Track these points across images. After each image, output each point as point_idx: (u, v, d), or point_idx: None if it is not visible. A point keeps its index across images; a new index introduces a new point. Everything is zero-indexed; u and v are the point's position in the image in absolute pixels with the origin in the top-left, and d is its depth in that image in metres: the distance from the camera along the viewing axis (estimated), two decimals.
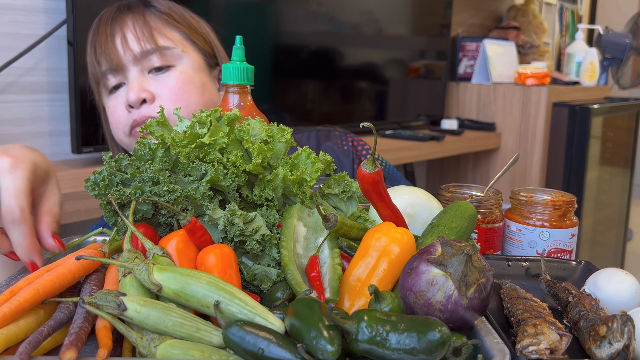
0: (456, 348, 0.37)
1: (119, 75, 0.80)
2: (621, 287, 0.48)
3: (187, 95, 0.79)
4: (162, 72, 0.80)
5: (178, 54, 0.80)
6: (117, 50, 0.79)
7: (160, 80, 0.79)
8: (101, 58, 0.80)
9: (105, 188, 0.47)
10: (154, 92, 0.78)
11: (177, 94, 0.79)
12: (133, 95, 0.77)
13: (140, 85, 0.78)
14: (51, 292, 0.41)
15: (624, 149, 2.21)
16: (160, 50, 0.79)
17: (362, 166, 0.47)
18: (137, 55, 0.78)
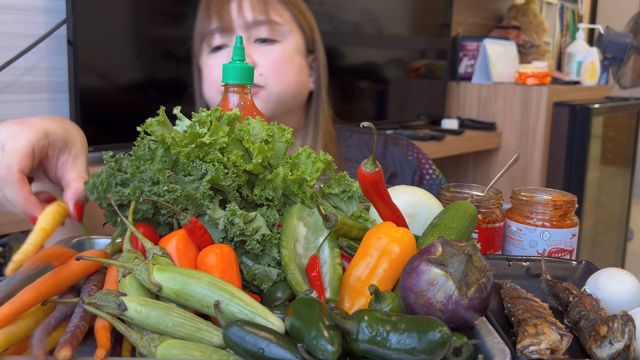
0: (457, 348, 0.37)
1: (225, 37, 0.83)
2: (622, 287, 0.48)
3: (285, 71, 0.83)
4: (266, 43, 0.83)
5: (285, 31, 0.84)
6: (231, 13, 0.82)
7: (263, 50, 0.83)
8: (213, 16, 0.83)
9: (104, 192, 0.47)
10: (256, 61, 0.82)
11: (278, 67, 0.82)
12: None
13: (246, 51, 0.80)
14: (52, 292, 0.41)
15: (624, 149, 2.21)
16: (271, 23, 0.83)
17: (363, 166, 0.47)
18: (248, 22, 0.82)
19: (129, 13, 1.04)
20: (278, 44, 0.84)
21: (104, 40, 1.01)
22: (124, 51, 1.05)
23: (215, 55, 0.84)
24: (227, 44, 0.83)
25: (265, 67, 0.82)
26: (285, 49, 0.84)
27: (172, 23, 1.11)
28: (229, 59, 0.82)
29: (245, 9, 0.82)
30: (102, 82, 1.03)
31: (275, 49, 0.83)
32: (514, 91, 1.80)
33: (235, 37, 0.82)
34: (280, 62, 0.83)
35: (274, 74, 0.82)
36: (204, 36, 0.85)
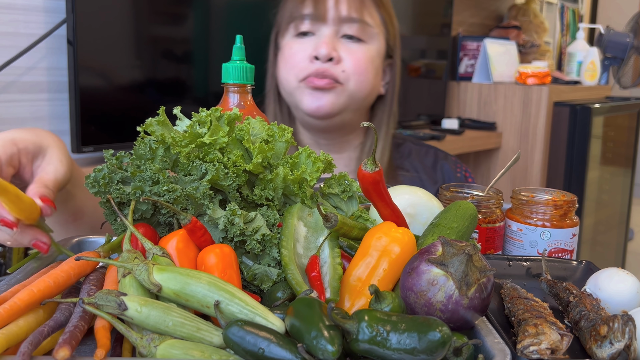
0: (457, 348, 0.37)
1: (315, 25, 0.84)
2: (622, 287, 0.48)
3: (365, 73, 0.85)
4: (352, 41, 0.85)
5: (373, 33, 0.86)
6: (327, 3, 0.83)
7: (349, 47, 0.84)
8: (308, 2, 0.84)
9: (105, 186, 0.47)
10: (341, 56, 0.83)
11: (360, 67, 0.84)
12: (325, 50, 0.82)
13: (333, 45, 0.83)
14: (47, 292, 0.41)
15: (625, 149, 2.20)
16: (362, 23, 0.84)
17: (363, 165, 0.47)
18: (342, 17, 0.83)
19: (129, 13, 1.04)
20: (364, 44, 0.85)
21: (104, 40, 1.01)
22: (124, 51, 1.05)
23: (301, 40, 0.85)
24: (314, 32, 0.84)
25: (349, 64, 0.83)
26: (369, 50, 0.85)
27: (172, 23, 1.11)
28: (313, 48, 0.83)
29: (342, 3, 0.83)
30: (102, 81, 1.03)
31: (361, 48, 0.85)
32: (514, 91, 1.80)
33: (324, 29, 0.83)
34: (363, 62, 0.84)
35: (355, 73, 0.84)
36: (294, 19, 0.86)
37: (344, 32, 0.84)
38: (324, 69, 0.83)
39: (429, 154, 0.99)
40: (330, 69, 0.83)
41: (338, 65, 0.83)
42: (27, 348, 0.34)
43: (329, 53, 0.82)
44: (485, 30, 2.27)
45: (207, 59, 1.18)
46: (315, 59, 0.83)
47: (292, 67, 0.85)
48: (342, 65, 0.83)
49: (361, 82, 0.85)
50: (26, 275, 0.48)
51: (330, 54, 0.82)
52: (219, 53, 1.18)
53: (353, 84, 0.85)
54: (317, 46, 0.83)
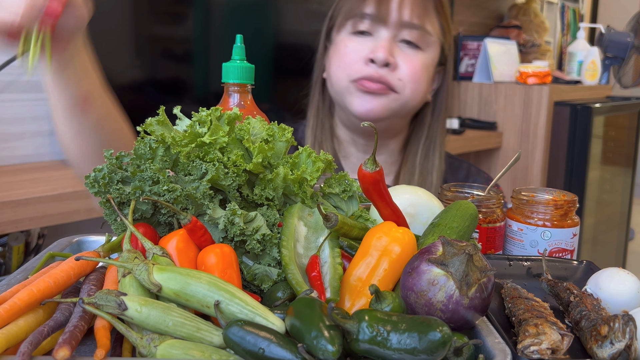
0: (457, 348, 0.37)
1: (374, 26, 0.82)
2: (623, 287, 0.48)
3: (420, 81, 0.83)
4: (410, 47, 0.83)
5: (431, 42, 0.84)
6: (391, 5, 0.81)
7: (406, 54, 0.83)
8: (372, 2, 0.82)
9: (105, 186, 0.47)
10: (397, 63, 0.82)
11: (415, 74, 0.83)
12: (383, 55, 0.80)
13: (391, 49, 0.81)
14: (47, 292, 0.41)
15: (625, 149, 2.20)
16: (423, 31, 0.82)
17: (363, 165, 0.47)
18: (403, 22, 0.81)
19: (129, 12, 1.04)
20: (421, 52, 0.83)
21: (104, 39, 1.01)
22: (124, 50, 1.05)
23: (357, 39, 0.83)
24: (372, 33, 0.83)
25: (405, 72, 0.82)
26: (425, 59, 0.84)
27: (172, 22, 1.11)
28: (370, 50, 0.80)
29: (405, 7, 0.81)
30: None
31: (418, 56, 0.83)
32: (514, 91, 1.80)
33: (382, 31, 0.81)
34: (419, 70, 0.82)
35: (411, 82, 0.82)
36: (353, 16, 0.84)
37: (403, 37, 0.82)
38: (380, 75, 0.81)
39: (462, 169, 0.98)
40: (386, 76, 0.81)
41: (394, 72, 0.81)
42: (27, 348, 0.34)
43: (386, 58, 0.80)
44: (485, 29, 2.27)
45: (207, 59, 1.17)
46: (371, 62, 0.81)
47: (345, 66, 0.83)
48: (398, 73, 0.82)
49: (415, 90, 0.83)
50: (26, 275, 0.48)
51: (387, 60, 0.80)
52: (219, 52, 1.18)
53: (408, 92, 0.83)
54: (375, 49, 0.81)
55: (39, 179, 0.91)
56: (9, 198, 0.79)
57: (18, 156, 1.02)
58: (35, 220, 0.82)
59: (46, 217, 0.82)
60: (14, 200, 0.79)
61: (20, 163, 1.02)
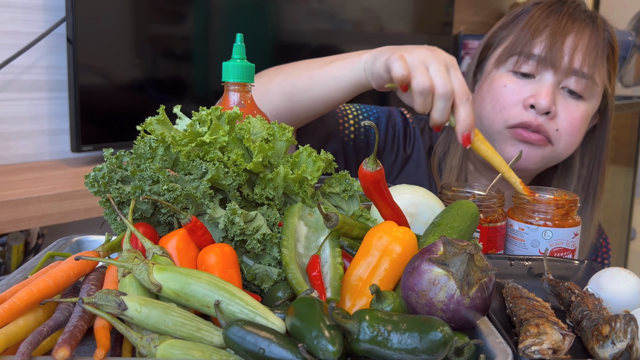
0: (458, 348, 0.37)
1: (538, 69, 0.76)
2: (624, 287, 0.48)
3: (577, 134, 0.77)
4: (572, 96, 0.76)
5: (595, 92, 0.78)
6: (563, 50, 0.75)
7: (568, 103, 0.76)
8: (542, 41, 0.75)
9: (105, 185, 0.46)
10: (558, 112, 0.76)
11: (574, 127, 0.76)
12: (546, 102, 0.74)
13: (554, 97, 0.75)
14: (47, 292, 0.41)
15: (627, 148, 2.20)
16: (591, 81, 0.76)
17: (364, 165, 0.46)
18: (572, 69, 0.75)
19: (129, 11, 1.04)
20: (583, 102, 0.77)
21: (104, 38, 1.01)
22: (124, 49, 1.05)
23: (518, 80, 0.76)
24: (535, 76, 0.76)
25: (564, 123, 0.75)
26: (586, 110, 0.77)
27: (172, 21, 1.11)
28: (532, 94, 0.73)
29: (578, 53, 0.74)
30: (101, 80, 1.03)
31: (579, 107, 0.76)
32: None
33: (547, 76, 0.73)
34: (577, 123, 0.76)
35: (568, 134, 0.76)
36: (518, 54, 0.76)
37: (567, 85, 0.75)
38: (539, 123, 0.74)
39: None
40: (544, 125, 0.75)
41: (552, 122, 0.75)
42: (27, 348, 0.34)
43: (549, 106, 0.73)
44: (486, 28, 2.27)
45: (207, 58, 1.17)
46: (531, 107, 0.75)
47: (501, 109, 0.76)
48: (556, 123, 0.75)
49: (571, 143, 0.77)
50: (25, 274, 0.48)
51: (550, 108, 0.74)
52: (219, 52, 1.18)
53: (563, 145, 0.77)
54: (537, 94, 0.74)
55: (39, 178, 0.91)
56: (8, 197, 0.79)
57: (17, 155, 1.02)
58: (34, 220, 0.82)
59: (45, 216, 0.82)
60: (13, 199, 0.79)
61: (20, 162, 1.02)
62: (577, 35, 0.75)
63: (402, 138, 0.88)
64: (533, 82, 0.76)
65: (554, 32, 0.75)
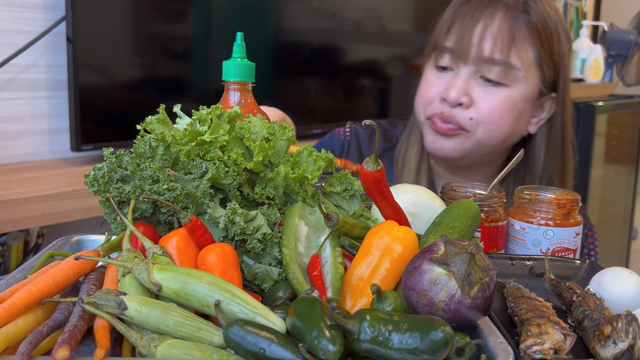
0: (459, 348, 0.37)
1: (454, 61, 0.77)
2: (626, 287, 0.48)
3: (499, 121, 0.76)
4: (491, 84, 0.76)
5: (518, 77, 0.76)
6: (472, 39, 0.75)
7: (485, 91, 0.76)
8: (452, 34, 0.76)
9: (105, 185, 0.46)
10: (474, 99, 0.75)
11: (493, 115, 0.75)
12: (454, 94, 0.75)
13: (465, 88, 0.75)
14: (46, 292, 0.41)
15: (629, 147, 2.19)
16: (506, 66, 0.74)
17: (365, 164, 0.46)
18: (483, 57, 0.75)
19: (129, 10, 1.04)
20: (504, 88, 0.76)
21: (104, 37, 1.01)
22: (124, 48, 1.04)
23: (438, 75, 0.78)
24: (454, 69, 0.77)
25: (480, 111, 0.75)
26: (509, 96, 0.75)
27: (172, 20, 1.11)
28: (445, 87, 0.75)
29: (486, 41, 0.74)
30: (101, 79, 1.03)
31: (499, 94, 0.75)
32: None
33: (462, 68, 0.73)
34: (498, 109, 0.75)
35: (486, 122, 0.75)
36: (435, 49, 0.79)
37: (484, 73, 0.75)
38: (450, 114, 0.76)
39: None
40: (455, 115, 0.76)
41: (466, 111, 0.75)
42: (26, 348, 0.34)
43: (457, 98, 0.75)
44: None
45: (208, 57, 1.17)
46: (445, 101, 0.77)
47: (422, 101, 0.80)
48: (470, 112, 0.75)
49: (493, 130, 0.76)
50: (25, 274, 0.48)
51: (459, 100, 0.75)
52: (219, 50, 1.18)
53: (482, 132, 0.77)
54: (449, 88, 0.76)
55: (38, 177, 0.91)
56: (7, 197, 0.79)
57: (17, 155, 1.02)
58: (34, 220, 0.82)
59: (45, 216, 0.82)
60: (13, 199, 0.79)
61: (19, 162, 1.02)
62: (486, 22, 0.75)
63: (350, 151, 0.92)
64: (450, 75, 0.78)
65: (462, 22, 0.76)
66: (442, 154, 0.80)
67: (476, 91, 0.76)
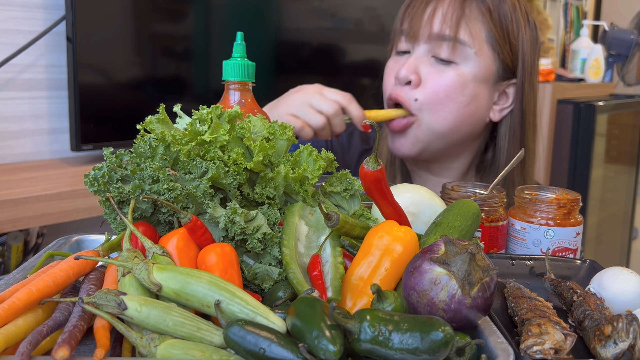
0: (460, 348, 0.37)
1: (409, 43, 0.76)
2: (626, 286, 0.47)
3: (446, 101, 0.73)
4: (442, 63, 0.73)
5: (468, 54, 0.73)
6: (422, 19, 0.74)
7: (435, 70, 0.73)
8: (406, 18, 0.76)
9: (105, 184, 0.46)
10: (423, 78, 0.73)
11: (438, 94, 0.72)
12: (404, 72, 0.74)
13: (415, 66, 0.74)
14: (46, 292, 0.40)
15: (629, 147, 2.19)
16: (454, 41, 0.72)
17: (365, 164, 0.46)
18: (433, 34, 0.73)
19: (129, 10, 1.04)
20: (453, 67, 0.73)
21: (104, 37, 1.01)
22: (124, 48, 1.04)
23: (396, 59, 0.77)
24: (411, 52, 0.75)
25: (427, 91, 0.72)
26: (459, 75, 0.72)
27: (172, 20, 1.11)
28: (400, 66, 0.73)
29: (436, 19, 0.73)
30: (101, 79, 1.03)
31: (448, 72, 0.72)
32: None
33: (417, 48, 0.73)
34: (444, 89, 0.72)
35: (430, 102, 0.72)
36: (394, 34, 0.79)
37: (435, 52, 0.73)
38: (396, 94, 0.74)
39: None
40: (401, 95, 0.73)
41: (413, 91, 0.73)
42: (26, 348, 0.34)
43: (406, 76, 0.72)
44: None
45: (208, 56, 1.17)
46: (397, 81, 0.75)
47: (385, 87, 0.78)
48: (417, 92, 0.73)
49: (437, 112, 0.73)
50: (25, 274, 0.48)
51: (408, 77, 0.72)
52: (219, 50, 1.18)
53: (427, 115, 0.73)
54: (400, 67, 0.74)
55: (38, 177, 0.91)
56: (7, 197, 0.79)
57: (17, 154, 1.02)
58: (34, 219, 0.82)
59: (45, 215, 0.82)
60: (12, 199, 0.79)
61: (19, 161, 1.02)
62: (437, 2, 0.75)
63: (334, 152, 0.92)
64: (412, 58, 0.76)
65: (415, 4, 0.76)
66: (402, 152, 0.78)
67: (426, 69, 0.74)
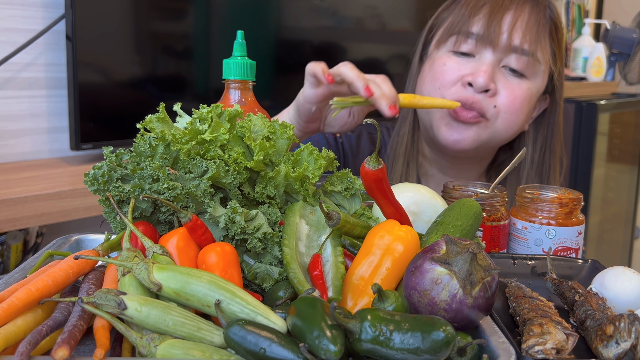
0: (461, 348, 0.36)
1: (477, 48, 0.75)
2: (628, 286, 0.47)
3: (519, 112, 0.75)
4: (514, 75, 0.75)
5: (538, 71, 0.76)
6: (501, 26, 0.73)
7: (509, 81, 0.75)
8: (479, 19, 0.74)
9: (104, 184, 0.46)
10: (498, 88, 0.74)
11: (515, 105, 0.74)
12: (483, 80, 0.73)
13: (493, 75, 0.74)
14: (46, 292, 0.40)
15: (631, 146, 2.19)
16: (533, 58, 0.74)
17: (366, 163, 0.46)
18: (512, 47, 0.73)
19: (129, 8, 1.04)
20: (525, 81, 0.75)
21: (103, 35, 1.01)
22: (124, 47, 1.04)
23: (458, 59, 0.75)
24: (475, 55, 0.75)
25: (503, 101, 0.74)
26: (529, 89, 0.75)
27: (172, 18, 1.11)
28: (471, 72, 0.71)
29: (516, 31, 0.73)
30: (101, 78, 1.03)
31: (521, 85, 0.75)
32: None
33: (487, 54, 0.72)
34: (519, 101, 0.74)
35: (507, 112, 0.74)
36: (457, 33, 0.76)
37: (508, 63, 0.74)
38: (475, 99, 0.73)
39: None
40: (481, 102, 0.73)
41: (491, 99, 0.74)
42: (26, 348, 0.34)
43: (486, 84, 0.72)
44: None
45: (208, 55, 1.17)
46: (469, 85, 0.74)
47: (440, 87, 0.75)
48: (494, 100, 0.74)
49: (511, 121, 0.75)
50: (24, 274, 0.47)
51: (488, 86, 0.72)
52: (219, 49, 1.17)
53: (501, 122, 0.75)
54: (476, 73, 0.73)
55: (38, 176, 0.91)
56: (7, 196, 0.79)
57: (16, 154, 1.02)
58: (33, 219, 0.81)
59: (45, 215, 0.82)
60: (12, 198, 0.79)
61: (19, 161, 1.02)
62: (516, 12, 0.74)
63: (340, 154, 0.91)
64: (473, 61, 0.75)
65: (492, 9, 0.74)
66: (460, 147, 0.76)
67: (500, 80, 0.74)
